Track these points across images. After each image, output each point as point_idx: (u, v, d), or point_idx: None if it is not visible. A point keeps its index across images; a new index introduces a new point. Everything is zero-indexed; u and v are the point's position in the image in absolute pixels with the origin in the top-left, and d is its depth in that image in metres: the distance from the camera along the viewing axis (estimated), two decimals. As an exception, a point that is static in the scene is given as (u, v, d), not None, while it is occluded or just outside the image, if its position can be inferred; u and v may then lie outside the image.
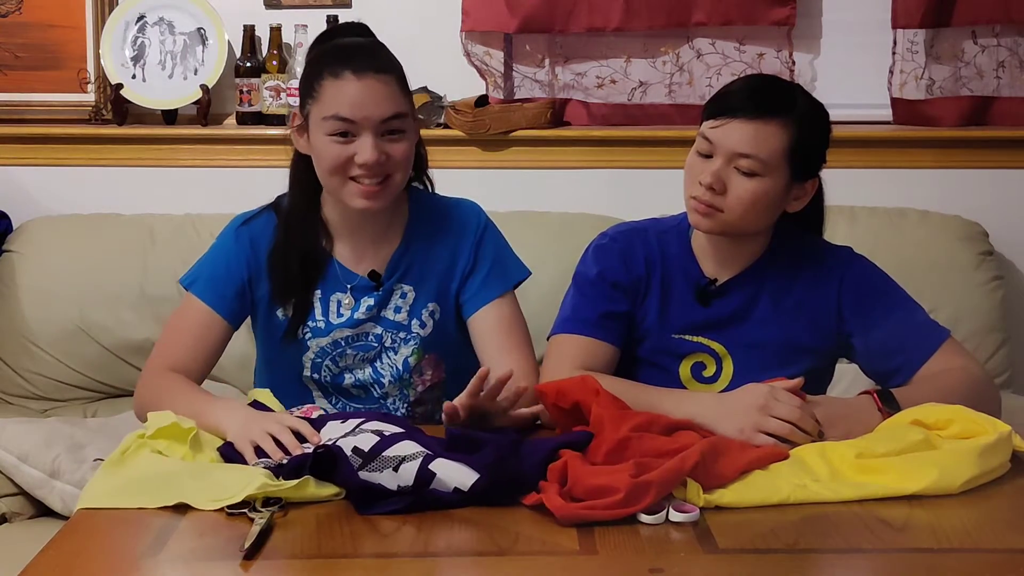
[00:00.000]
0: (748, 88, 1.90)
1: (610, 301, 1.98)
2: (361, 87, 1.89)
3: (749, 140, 1.83)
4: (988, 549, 1.46)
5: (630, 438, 1.63)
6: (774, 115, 1.84)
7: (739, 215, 1.86)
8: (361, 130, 1.89)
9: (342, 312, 2.01)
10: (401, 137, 1.92)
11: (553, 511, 1.49)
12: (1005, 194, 3.03)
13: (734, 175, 1.85)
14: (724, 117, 1.85)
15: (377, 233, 2.03)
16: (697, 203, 1.87)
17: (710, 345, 1.96)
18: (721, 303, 1.96)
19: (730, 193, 1.85)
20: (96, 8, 3.02)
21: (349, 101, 1.89)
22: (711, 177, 1.84)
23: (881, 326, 1.94)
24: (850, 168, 3.02)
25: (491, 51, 3.03)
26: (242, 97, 3.02)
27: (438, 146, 3.01)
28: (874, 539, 1.46)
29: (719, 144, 1.85)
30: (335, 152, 1.90)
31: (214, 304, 1.99)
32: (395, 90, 1.92)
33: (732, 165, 1.85)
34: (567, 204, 2.95)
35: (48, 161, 3.04)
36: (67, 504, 2.32)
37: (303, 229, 2.01)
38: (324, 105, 1.90)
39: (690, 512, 1.51)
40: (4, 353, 2.84)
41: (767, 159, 1.83)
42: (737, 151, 1.83)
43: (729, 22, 3.00)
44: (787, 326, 1.95)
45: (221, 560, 1.44)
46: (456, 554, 1.43)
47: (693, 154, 1.90)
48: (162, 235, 2.87)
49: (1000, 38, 3.03)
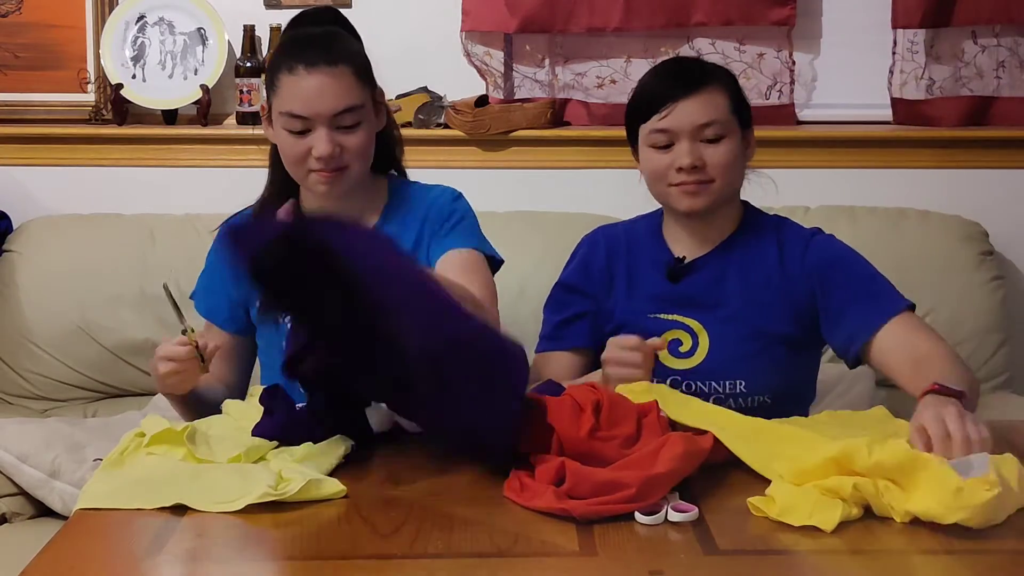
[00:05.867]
0: (668, 75, 2.00)
1: (566, 307, 2.09)
2: (312, 82, 1.91)
3: (702, 110, 1.94)
4: (988, 549, 1.45)
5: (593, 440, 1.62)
6: (704, 83, 1.96)
7: (726, 180, 1.96)
8: (315, 124, 1.92)
9: None
10: (356, 129, 1.94)
11: (571, 511, 1.49)
12: (1005, 194, 3.03)
13: (703, 147, 1.94)
14: (667, 106, 1.95)
15: (353, 217, 2.04)
16: (685, 186, 1.95)
17: (684, 321, 2.00)
18: (690, 280, 2.02)
19: (709, 163, 1.95)
20: (96, 8, 3.02)
21: (301, 97, 1.91)
22: (690, 156, 1.93)
23: (838, 290, 1.97)
24: (850, 168, 3.02)
25: (491, 51, 3.03)
26: (242, 97, 3.02)
27: (438, 146, 3.01)
28: (874, 540, 1.46)
29: (677, 128, 1.94)
30: (292, 146, 1.94)
31: (210, 317, 2.09)
32: (348, 83, 1.93)
33: (697, 140, 1.94)
34: (567, 204, 2.95)
35: (48, 161, 3.04)
36: (67, 504, 2.31)
37: None
38: (281, 100, 1.94)
39: (689, 512, 1.51)
40: (4, 353, 2.84)
41: (723, 119, 1.95)
42: (698, 123, 1.94)
43: (729, 22, 3.00)
44: (757, 299, 2.00)
45: (221, 560, 1.44)
46: (455, 555, 1.43)
47: (649, 151, 1.98)
48: (162, 235, 2.87)
49: (1000, 38, 3.03)
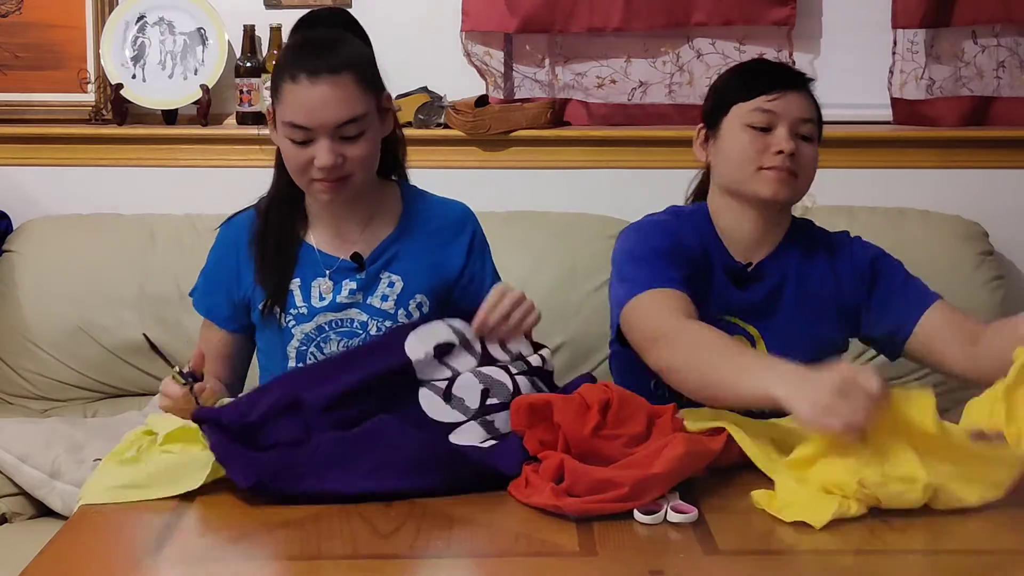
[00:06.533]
0: (775, 66, 2.08)
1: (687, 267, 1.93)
2: (315, 93, 1.88)
3: (806, 107, 1.96)
4: (988, 549, 1.45)
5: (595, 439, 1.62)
6: (806, 84, 2.00)
7: (807, 179, 1.97)
8: (317, 135, 1.89)
9: (323, 296, 2.02)
10: (359, 138, 1.92)
11: (563, 508, 1.50)
12: (1005, 194, 3.03)
13: (798, 142, 1.94)
14: (779, 91, 1.94)
15: (363, 220, 2.04)
16: (778, 172, 1.93)
17: (745, 327, 1.99)
18: (755, 287, 2.00)
19: (800, 159, 1.94)
20: (96, 8, 3.02)
21: (304, 107, 1.88)
22: (791, 144, 1.92)
23: (883, 284, 2.03)
24: (850, 168, 3.02)
25: (491, 51, 3.03)
26: (242, 97, 3.02)
27: (438, 146, 3.01)
28: (874, 540, 1.46)
29: (783, 114, 1.94)
30: (295, 155, 1.92)
31: (210, 315, 2.09)
32: (351, 92, 1.89)
33: (795, 132, 1.94)
34: (567, 204, 2.95)
35: (48, 161, 3.04)
36: (67, 504, 2.32)
37: (280, 216, 2.04)
38: (284, 109, 1.91)
39: (689, 513, 1.51)
40: (4, 353, 2.84)
41: (816, 124, 1.98)
42: (801, 117, 1.95)
43: (729, 22, 3.00)
44: (812, 306, 2.00)
45: (221, 560, 1.45)
46: (455, 555, 1.43)
47: (744, 131, 1.95)
48: (162, 235, 2.87)
49: (1000, 38, 3.03)
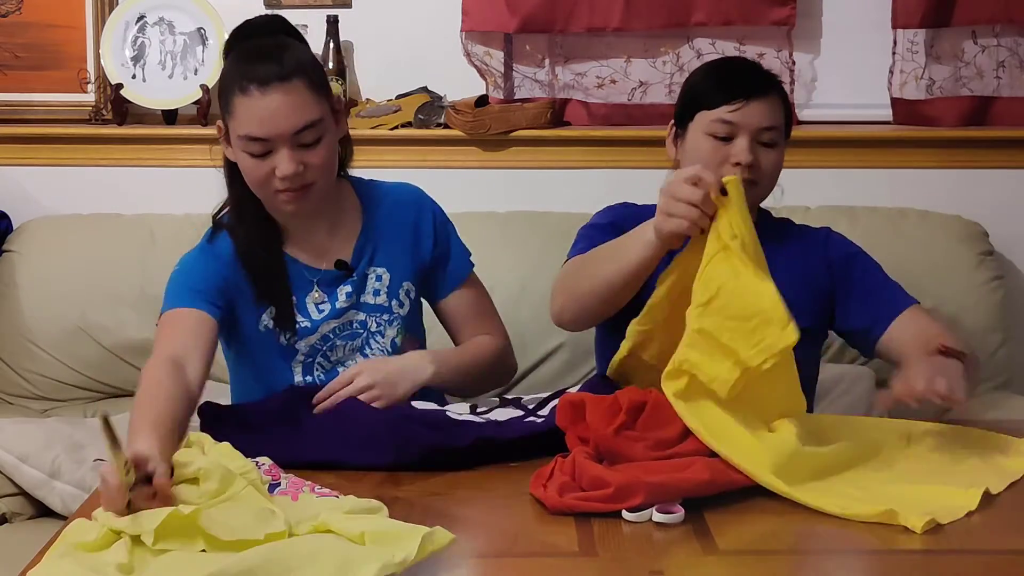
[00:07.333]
0: (741, 72, 2.05)
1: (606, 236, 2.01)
2: (268, 102, 1.85)
3: (768, 114, 1.99)
4: (988, 549, 1.46)
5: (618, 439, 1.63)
6: (771, 89, 2.02)
7: (768, 185, 2.02)
8: (276, 145, 1.87)
9: (321, 308, 2.01)
10: (317, 144, 1.90)
11: (545, 501, 1.52)
12: (1005, 194, 3.02)
13: (758, 149, 1.98)
14: (740, 100, 1.97)
15: (332, 226, 2.02)
16: None
17: None
18: None
19: (761, 165, 1.98)
20: (96, 8, 3.02)
21: (258, 118, 1.85)
22: (749, 155, 1.96)
23: (858, 280, 2.06)
24: (850, 168, 3.02)
25: (491, 51, 3.03)
26: (242, 97, 3.01)
27: (438, 146, 3.01)
28: (874, 540, 1.46)
29: (743, 124, 1.97)
30: (254, 169, 1.89)
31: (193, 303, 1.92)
32: (304, 98, 1.87)
33: (756, 140, 1.97)
34: (567, 204, 2.94)
35: (48, 161, 3.04)
36: (67, 504, 2.32)
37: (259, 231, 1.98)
38: (238, 123, 1.88)
39: (675, 513, 1.50)
40: (4, 353, 2.84)
41: (780, 128, 2.01)
42: (762, 126, 1.98)
43: (729, 22, 3.00)
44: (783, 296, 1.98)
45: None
46: (455, 555, 1.43)
47: (706, 139, 1.98)
48: (162, 235, 2.86)
49: (1000, 38, 3.03)
